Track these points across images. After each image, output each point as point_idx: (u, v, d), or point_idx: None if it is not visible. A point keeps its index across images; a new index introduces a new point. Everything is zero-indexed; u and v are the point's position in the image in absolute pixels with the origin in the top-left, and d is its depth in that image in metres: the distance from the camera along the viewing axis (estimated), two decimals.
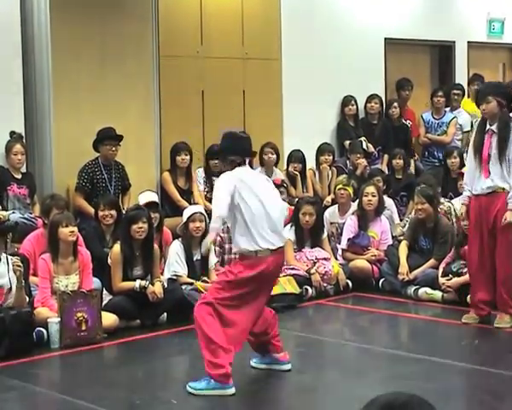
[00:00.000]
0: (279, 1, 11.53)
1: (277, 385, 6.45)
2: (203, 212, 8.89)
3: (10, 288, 7.39)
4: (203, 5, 10.86)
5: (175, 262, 8.61)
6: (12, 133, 9.19)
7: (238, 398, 6.08)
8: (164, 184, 10.20)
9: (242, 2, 11.21)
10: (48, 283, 7.84)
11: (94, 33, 9.91)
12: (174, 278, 8.58)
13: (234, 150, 6.42)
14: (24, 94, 9.29)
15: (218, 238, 9.16)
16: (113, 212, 8.83)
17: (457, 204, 9.47)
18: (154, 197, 9.20)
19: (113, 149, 9.56)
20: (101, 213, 8.82)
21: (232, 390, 5.97)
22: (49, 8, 9.17)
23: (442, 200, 9.99)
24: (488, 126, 7.84)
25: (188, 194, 10.14)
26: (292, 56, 11.62)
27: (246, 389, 6.37)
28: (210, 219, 9.21)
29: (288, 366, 6.53)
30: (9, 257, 7.47)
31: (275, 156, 10.82)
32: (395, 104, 12.24)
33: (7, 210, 8.81)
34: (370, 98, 12.19)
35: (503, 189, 7.73)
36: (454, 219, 9.56)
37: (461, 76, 13.70)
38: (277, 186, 9.98)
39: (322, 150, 11.38)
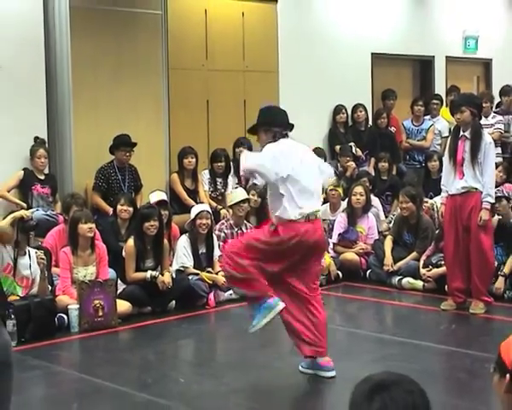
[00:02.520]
0: (276, 20, 11.52)
1: (274, 366, 6.44)
2: (209, 210, 8.90)
3: (34, 278, 7.40)
4: (208, 23, 10.85)
5: (182, 255, 8.61)
6: (36, 139, 9.19)
7: (238, 376, 6.08)
8: (172, 184, 10.18)
9: (243, 21, 11.20)
10: (68, 273, 7.84)
11: (110, 48, 9.90)
12: (182, 269, 8.57)
13: (277, 122, 6.10)
14: (47, 103, 9.28)
15: (223, 234, 9.15)
16: (131, 209, 8.82)
17: (439, 202, 9.47)
18: (164, 196, 9.19)
19: (128, 154, 9.56)
20: (119, 208, 8.81)
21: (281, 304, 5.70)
22: (70, 25, 9.16)
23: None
24: (461, 133, 7.84)
25: (194, 193, 10.13)
26: (288, 69, 11.61)
27: (245, 368, 6.37)
28: (215, 216, 9.33)
29: (331, 373, 5.98)
30: (33, 250, 7.48)
31: None
32: (384, 115, 12.22)
33: (31, 207, 8.81)
34: (356, 108, 12.17)
35: (476, 189, 7.75)
36: (436, 215, 9.55)
37: (439, 87, 13.69)
38: None
39: None
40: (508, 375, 2.34)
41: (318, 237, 5.92)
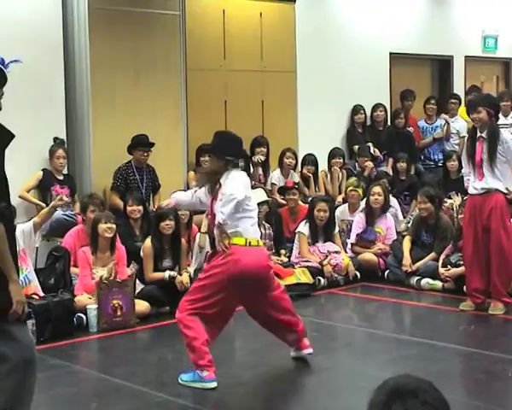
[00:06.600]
0: (294, 20, 11.53)
1: (292, 366, 6.43)
2: None
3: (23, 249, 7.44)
4: (226, 24, 10.86)
5: (199, 254, 8.61)
6: (55, 139, 9.24)
7: (255, 376, 6.08)
8: (188, 181, 10.19)
9: (261, 21, 11.21)
10: (88, 271, 7.88)
11: (128, 49, 9.94)
12: (200, 268, 8.58)
13: (231, 151, 6.00)
14: (66, 104, 9.33)
15: None
16: (141, 207, 8.82)
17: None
18: None
19: (145, 154, 9.58)
20: (129, 209, 8.82)
21: (213, 384, 5.76)
22: (89, 26, 9.22)
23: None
24: (479, 134, 7.81)
25: None
26: (306, 70, 11.60)
27: (263, 368, 6.37)
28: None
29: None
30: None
31: (295, 161, 10.81)
32: (401, 115, 12.22)
33: None
34: (376, 107, 12.19)
35: (497, 189, 7.72)
36: (455, 215, 9.51)
37: (458, 87, 13.65)
38: (290, 188, 10.03)
39: (333, 154, 11.37)
40: None
41: None
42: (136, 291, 7.97)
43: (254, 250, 5.90)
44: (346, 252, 9.70)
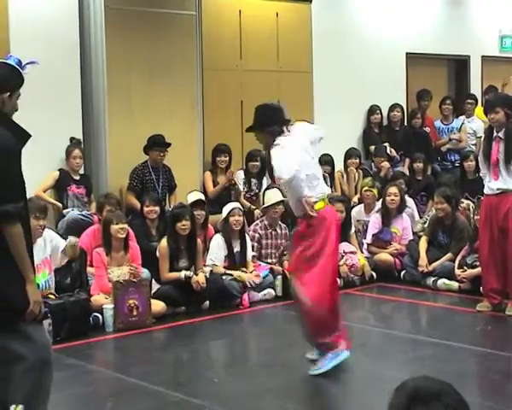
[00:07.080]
0: (310, 20, 11.51)
1: (308, 366, 6.43)
2: (240, 207, 8.95)
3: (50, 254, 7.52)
4: (242, 24, 10.87)
5: (214, 253, 8.65)
6: (71, 139, 9.26)
7: (271, 376, 6.08)
8: (204, 181, 10.21)
9: (277, 21, 11.20)
10: (103, 271, 7.91)
11: (144, 49, 9.94)
12: (213, 262, 8.59)
13: (271, 122, 6.13)
14: (82, 104, 9.35)
15: (257, 235, 9.14)
16: (157, 208, 8.85)
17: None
18: (201, 196, 9.20)
19: (162, 154, 9.59)
20: (146, 209, 8.85)
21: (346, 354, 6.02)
22: (105, 26, 9.25)
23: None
24: (495, 133, 7.78)
25: (228, 191, 10.11)
26: (322, 70, 11.59)
27: (278, 368, 6.36)
28: (249, 217, 9.34)
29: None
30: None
31: None
32: (418, 115, 12.19)
33: (67, 207, 8.89)
34: (393, 107, 12.15)
35: None
36: (472, 216, 9.48)
37: (475, 87, 13.59)
38: None
39: (349, 154, 11.36)
40: None
41: None
42: (152, 291, 7.99)
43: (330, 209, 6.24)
44: (362, 252, 9.69)
